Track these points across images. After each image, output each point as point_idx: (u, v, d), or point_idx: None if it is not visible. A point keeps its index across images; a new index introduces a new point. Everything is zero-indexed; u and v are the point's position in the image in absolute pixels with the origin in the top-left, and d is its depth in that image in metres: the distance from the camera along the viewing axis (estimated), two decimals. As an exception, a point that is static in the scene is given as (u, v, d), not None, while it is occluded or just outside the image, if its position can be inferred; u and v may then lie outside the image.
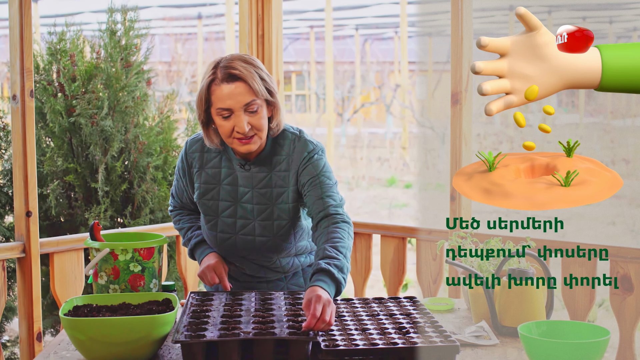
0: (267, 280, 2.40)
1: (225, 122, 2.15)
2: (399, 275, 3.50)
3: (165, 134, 3.96)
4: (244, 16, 3.75)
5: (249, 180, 2.26)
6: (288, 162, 2.25)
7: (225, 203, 2.29)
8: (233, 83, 2.12)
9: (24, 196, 2.98)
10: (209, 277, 2.26)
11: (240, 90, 2.12)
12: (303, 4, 14.92)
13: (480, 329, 2.13)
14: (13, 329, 4.33)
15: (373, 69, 20.13)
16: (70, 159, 3.74)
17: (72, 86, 3.70)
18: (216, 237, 2.33)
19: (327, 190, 2.21)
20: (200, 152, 2.33)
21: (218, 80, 2.13)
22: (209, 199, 2.31)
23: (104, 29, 3.84)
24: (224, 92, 2.12)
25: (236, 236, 2.30)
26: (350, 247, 2.13)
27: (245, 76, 2.12)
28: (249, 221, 2.28)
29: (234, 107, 2.13)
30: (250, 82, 2.12)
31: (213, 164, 2.31)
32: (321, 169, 2.23)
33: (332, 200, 2.20)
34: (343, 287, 2.02)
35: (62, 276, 3.15)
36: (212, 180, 2.30)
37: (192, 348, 1.80)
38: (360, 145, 17.75)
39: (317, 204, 2.19)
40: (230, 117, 2.14)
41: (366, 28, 19.42)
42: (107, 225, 3.72)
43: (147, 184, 3.82)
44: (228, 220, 2.29)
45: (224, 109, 2.13)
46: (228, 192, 2.29)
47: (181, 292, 3.74)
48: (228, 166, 2.29)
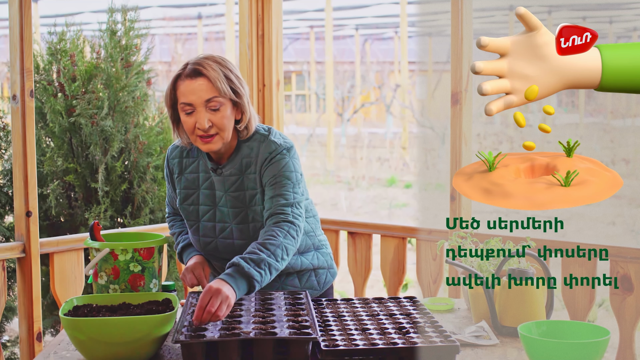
0: None
1: (188, 118, 2.17)
2: (399, 275, 3.50)
3: (165, 134, 3.96)
4: (244, 16, 3.75)
5: (222, 184, 2.27)
6: (255, 164, 2.24)
7: (204, 207, 2.30)
8: (196, 79, 2.14)
9: (24, 196, 2.98)
10: (188, 278, 2.26)
11: (203, 86, 2.14)
12: (303, 4, 14.93)
13: (480, 329, 2.13)
14: (13, 329, 4.33)
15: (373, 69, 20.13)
16: (70, 159, 3.74)
17: (72, 86, 3.70)
18: (199, 241, 2.34)
19: (281, 189, 2.18)
20: (180, 158, 2.34)
21: (183, 75, 2.16)
22: (189, 204, 2.32)
23: (104, 29, 3.84)
24: (187, 87, 2.15)
25: (217, 240, 2.30)
26: (286, 245, 2.10)
27: (209, 72, 2.14)
28: (227, 224, 2.28)
29: (195, 103, 2.14)
30: (213, 78, 2.14)
31: (191, 169, 2.32)
32: (280, 169, 2.20)
33: (283, 199, 2.17)
34: (258, 281, 2.00)
35: (62, 276, 3.15)
36: (192, 185, 2.32)
37: (192, 348, 1.80)
38: (360, 145, 17.75)
39: (267, 204, 2.19)
40: (192, 113, 2.15)
41: (366, 28, 19.42)
42: (107, 225, 3.72)
43: (147, 184, 3.82)
44: (208, 224, 2.30)
45: (186, 104, 2.15)
46: (207, 196, 2.29)
47: (181, 292, 3.74)
48: (205, 170, 2.30)
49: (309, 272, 2.40)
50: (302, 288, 2.38)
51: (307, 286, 2.40)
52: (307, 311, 2.05)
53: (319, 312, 2.18)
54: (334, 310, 2.19)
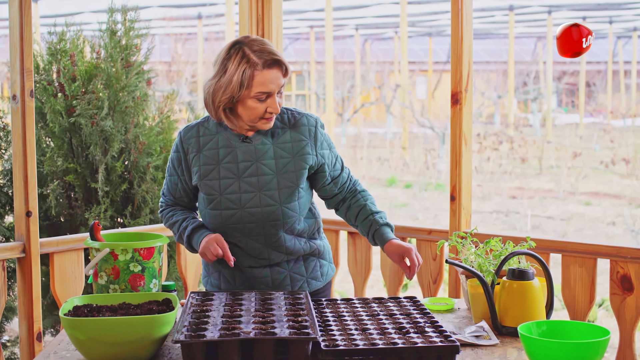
0: (270, 263, 2.40)
1: (259, 105, 2.26)
2: (399, 275, 3.50)
3: (165, 134, 3.96)
4: (244, 16, 3.75)
5: (251, 154, 2.34)
6: (290, 134, 2.37)
7: (227, 180, 2.34)
8: (275, 68, 2.25)
9: (24, 196, 2.98)
10: (212, 248, 2.29)
11: (279, 74, 2.27)
12: (303, 4, 14.93)
13: (480, 329, 2.13)
14: (13, 329, 4.34)
15: (373, 69, 20.14)
16: (70, 159, 3.74)
17: (72, 86, 3.70)
18: (220, 216, 2.35)
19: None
20: (196, 137, 2.39)
21: (260, 66, 2.23)
22: (210, 179, 2.36)
23: (104, 29, 3.84)
24: (267, 77, 2.24)
25: (242, 210, 2.33)
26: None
27: (281, 58, 2.26)
28: (254, 194, 2.33)
29: (274, 90, 2.26)
30: (286, 66, 2.27)
31: (210, 146, 2.37)
32: (329, 140, 2.47)
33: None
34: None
35: (62, 276, 3.15)
36: (211, 162, 2.36)
37: (192, 348, 1.80)
38: (360, 145, 17.75)
39: (343, 178, 2.50)
40: (266, 99, 2.26)
41: (366, 28, 19.43)
42: (107, 225, 3.72)
43: (147, 184, 3.82)
44: (232, 197, 2.33)
45: (264, 93, 2.25)
46: (228, 169, 2.34)
47: (181, 292, 3.74)
48: (226, 145, 2.36)
49: (315, 261, 2.47)
50: (308, 277, 2.44)
51: (311, 276, 2.45)
52: (307, 311, 2.05)
53: (319, 312, 2.18)
54: (334, 310, 2.19)
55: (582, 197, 11.77)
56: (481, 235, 3.05)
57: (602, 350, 1.80)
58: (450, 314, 2.38)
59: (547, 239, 3.11)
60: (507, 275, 2.14)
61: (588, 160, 15.01)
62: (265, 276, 2.40)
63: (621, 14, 17.63)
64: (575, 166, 14.01)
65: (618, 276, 2.92)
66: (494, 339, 2.07)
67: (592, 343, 1.79)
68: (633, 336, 2.93)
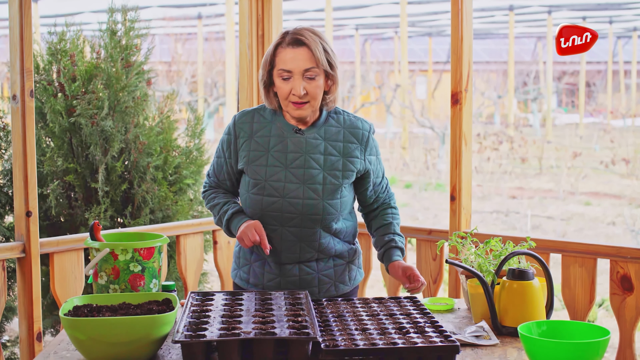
0: (300, 260, 2.41)
1: (283, 84, 2.33)
2: (399, 275, 3.50)
3: (165, 134, 3.96)
4: (244, 16, 3.75)
5: (301, 146, 2.38)
6: (343, 134, 2.41)
7: (273, 168, 2.37)
8: (298, 48, 2.31)
9: (24, 196, 2.98)
10: (250, 234, 2.31)
11: (303, 55, 2.31)
12: (303, 4, 14.92)
13: (480, 329, 2.13)
14: (13, 329, 4.34)
15: (373, 69, 20.13)
16: (70, 159, 3.74)
17: (72, 86, 3.70)
18: (262, 202, 2.37)
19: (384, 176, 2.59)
20: (250, 123, 2.44)
21: (284, 43, 2.33)
22: (257, 165, 2.39)
23: (104, 29, 3.84)
24: (287, 55, 2.32)
25: (283, 200, 2.35)
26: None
27: (310, 43, 2.31)
28: (298, 185, 2.35)
29: (294, 70, 2.31)
30: (313, 49, 2.31)
31: (262, 133, 2.41)
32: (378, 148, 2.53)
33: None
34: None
35: (62, 276, 3.15)
36: (261, 148, 2.40)
37: (192, 348, 1.80)
38: (361, 145, 17.68)
39: (381, 187, 2.55)
40: (289, 79, 2.32)
41: (366, 28, 19.42)
42: (107, 225, 3.72)
43: (147, 184, 3.82)
44: (276, 184, 2.36)
45: (285, 71, 2.31)
46: (276, 158, 2.38)
47: (181, 292, 3.74)
48: (278, 134, 2.40)
49: (344, 265, 2.49)
50: (336, 280, 2.46)
51: (339, 280, 2.47)
52: (307, 311, 2.05)
53: (319, 312, 2.18)
54: (334, 310, 2.19)
55: (582, 197, 11.77)
56: (481, 235, 3.05)
57: (602, 350, 1.80)
58: (450, 314, 2.38)
59: (547, 239, 3.12)
60: (507, 275, 2.14)
61: (588, 160, 15.01)
62: (294, 274, 2.41)
63: (621, 14, 17.62)
64: (575, 166, 14.01)
65: (618, 276, 2.92)
66: (494, 339, 2.07)
67: (592, 343, 1.79)
68: (633, 336, 2.93)
